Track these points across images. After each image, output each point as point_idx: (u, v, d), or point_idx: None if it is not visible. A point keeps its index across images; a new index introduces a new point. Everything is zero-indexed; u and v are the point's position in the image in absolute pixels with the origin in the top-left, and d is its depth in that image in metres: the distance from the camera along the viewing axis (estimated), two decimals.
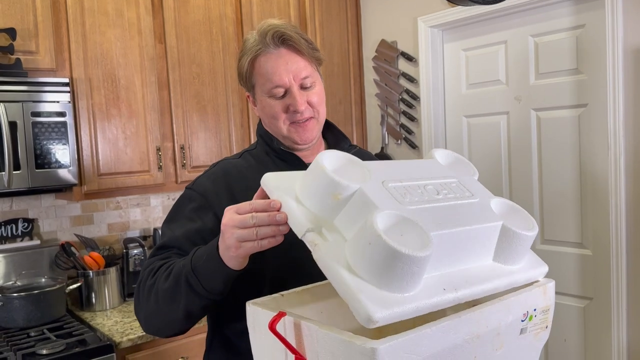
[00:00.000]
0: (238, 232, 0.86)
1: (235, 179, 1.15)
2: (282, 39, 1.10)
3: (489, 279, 0.83)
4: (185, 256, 1.06)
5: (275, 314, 0.79)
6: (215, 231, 1.07)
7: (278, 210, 0.83)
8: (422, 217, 0.77)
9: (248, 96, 1.21)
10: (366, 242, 0.70)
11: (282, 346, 0.78)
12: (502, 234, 0.86)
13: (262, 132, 1.22)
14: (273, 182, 0.88)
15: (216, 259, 0.92)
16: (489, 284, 0.83)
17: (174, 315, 1.00)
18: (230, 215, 0.89)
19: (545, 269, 0.93)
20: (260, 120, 1.25)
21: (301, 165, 1.17)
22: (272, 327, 0.77)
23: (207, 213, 1.10)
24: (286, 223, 0.83)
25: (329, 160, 0.83)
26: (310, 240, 0.77)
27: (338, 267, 0.72)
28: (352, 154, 1.22)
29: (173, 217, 1.15)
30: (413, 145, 2.81)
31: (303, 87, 1.12)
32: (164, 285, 0.99)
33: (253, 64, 1.12)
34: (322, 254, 0.75)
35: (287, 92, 1.11)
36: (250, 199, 1.10)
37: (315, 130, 1.16)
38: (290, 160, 1.18)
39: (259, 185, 1.12)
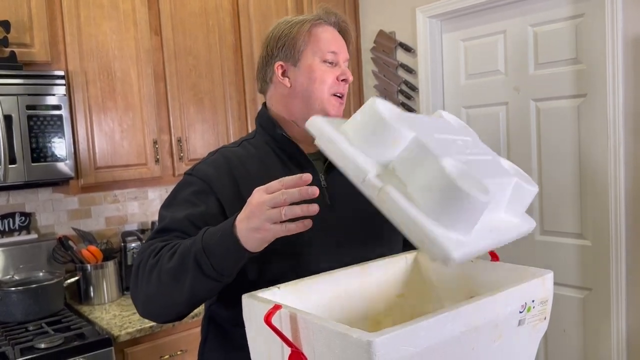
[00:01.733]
0: (268, 212, 0.84)
1: (236, 167, 1.14)
2: (340, 24, 1.22)
3: (508, 230, 0.89)
4: (186, 239, 1.02)
5: (271, 306, 0.78)
6: (219, 217, 1.06)
7: (309, 185, 0.81)
8: (471, 168, 0.80)
9: (279, 66, 1.18)
10: (438, 187, 0.73)
11: (278, 339, 0.77)
12: (514, 189, 0.92)
13: (263, 120, 1.22)
14: (321, 123, 0.87)
15: (232, 239, 0.88)
16: (510, 234, 0.89)
17: (177, 297, 0.96)
18: (260, 194, 0.86)
19: (533, 224, 1.00)
20: (262, 109, 1.24)
21: (302, 156, 1.17)
22: (267, 320, 0.76)
23: (209, 197, 1.08)
24: (316, 201, 0.81)
25: (384, 107, 0.83)
26: (374, 185, 0.77)
27: (412, 207, 0.74)
28: None
29: (172, 201, 1.12)
30: None
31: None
32: (167, 265, 0.95)
33: (312, 30, 1.17)
34: (393, 195, 0.75)
35: (337, 64, 1.18)
36: (253, 185, 1.09)
37: (342, 112, 1.21)
38: (290, 150, 1.17)
39: (262, 174, 1.12)
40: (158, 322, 1.09)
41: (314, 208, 0.83)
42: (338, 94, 1.17)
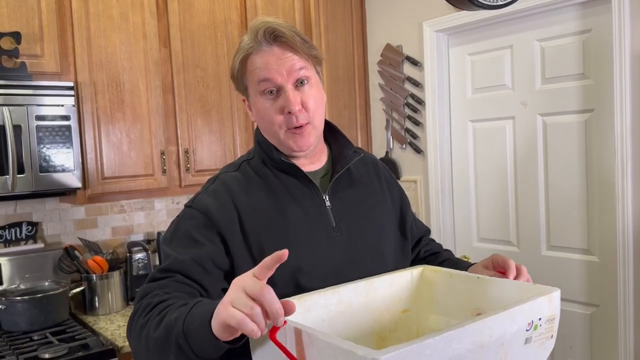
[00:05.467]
0: (235, 313, 0.75)
1: (237, 194, 1.09)
2: (274, 36, 1.05)
3: None
4: (188, 284, 1.00)
5: None
6: (223, 253, 1.04)
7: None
8: None
9: (244, 100, 1.16)
10: None
11: (283, 355, 0.77)
12: None
13: (260, 138, 1.17)
14: None
15: (208, 332, 0.80)
16: None
17: None
18: (235, 292, 0.77)
19: None
20: (258, 126, 1.20)
21: (300, 175, 1.13)
22: (272, 335, 0.76)
23: (211, 232, 1.05)
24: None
25: None
26: None
27: None
28: (356, 161, 1.22)
29: (173, 236, 1.07)
30: (418, 150, 2.80)
31: (298, 83, 1.07)
32: (154, 334, 0.90)
33: (244, 64, 1.08)
34: None
35: (279, 91, 1.06)
36: (255, 214, 1.08)
37: (312, 136, 1.11)
38: (289, 170, 1.13)
39: (261, 201, 1.09)
40: None
41: (291, 309, 0.76)
42: (293, 127, 1.08)
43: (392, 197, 1.26)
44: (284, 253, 0.75)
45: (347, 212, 1.15)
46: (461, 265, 1.22)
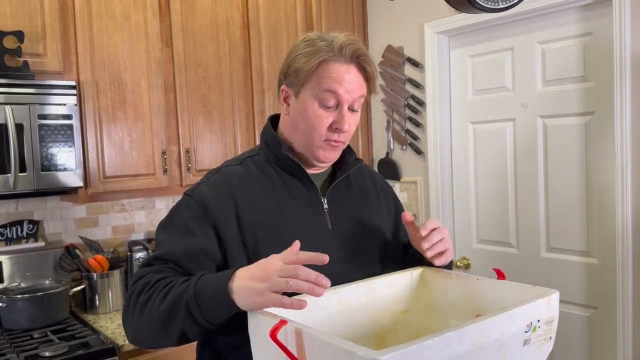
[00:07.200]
0: (275, 280, 0.84)
1: (237, 188, 1.11)
2: (358, 57, 1.09)
3: None
4: (182, 273, 1.02)
5: (276, 321, 0.78)
6: (217, 249, 1.05)
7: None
8: None
9: (283, 90, 1.14)
10: None
11: (284, 354, 0.77)
12: None
13: (268, 138, 1.18)
14: None
15: (224, 295, 0.89)
16: None
17: (167, 338, 0.97)
18: (274, 261, 0.87)
19: None
20: (267, 125, 1.21)
21: (303, 176, 1.15)
22: (273, 335, 0.76)
23: (206, 224, 1.06)
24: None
25: None
26: None
27: None
28: (355, 170, 1.23)
29: (170, 223, 1.10)
30: (418, 151, 2.81)
31: (351, 110, 1.11)
32: (159, 308, 0.94)
33: (320, 65, 1.08)
34: None
35: (337, 107, 1.09)
36: (253, 210, 1.09)
37: (339, 152, 1.16)
38: (292, 170, 1.15)
39: (260, 196, 1.10)
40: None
41: (319, 292, 0.84)
42: (332, 141, 1.11)
43: (388, 205, 1.30)
44: (322, 258, 0.86)
45: (343, 216, 1.17)
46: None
